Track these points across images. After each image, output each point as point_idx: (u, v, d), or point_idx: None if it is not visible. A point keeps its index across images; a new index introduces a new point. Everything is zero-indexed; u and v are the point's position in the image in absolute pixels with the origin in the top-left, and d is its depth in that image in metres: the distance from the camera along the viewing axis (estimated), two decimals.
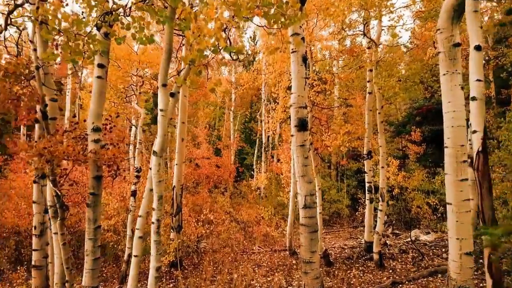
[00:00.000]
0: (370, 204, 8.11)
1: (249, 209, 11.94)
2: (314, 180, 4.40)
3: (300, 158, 4.36)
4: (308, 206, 4.30)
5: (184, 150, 7.62)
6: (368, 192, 8.14)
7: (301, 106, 4.40)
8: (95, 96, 3.17)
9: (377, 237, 7.07)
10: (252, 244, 9.72)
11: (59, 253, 3.34)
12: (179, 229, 7.39)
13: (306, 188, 4.31)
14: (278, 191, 13.86)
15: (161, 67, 2.76)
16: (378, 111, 7.19)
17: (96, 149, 3.09)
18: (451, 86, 3.71)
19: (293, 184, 8.33)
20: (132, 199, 6.62)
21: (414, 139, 11.49)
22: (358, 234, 11.39)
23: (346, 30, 6.84)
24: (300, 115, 4.37)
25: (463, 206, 3.53)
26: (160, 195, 2.99)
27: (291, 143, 4.40)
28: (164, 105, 2.83)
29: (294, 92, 4.44)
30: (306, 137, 4.39)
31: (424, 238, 9.11)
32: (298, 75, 4.45)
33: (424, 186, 10.66)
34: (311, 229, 4.29)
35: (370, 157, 8.15)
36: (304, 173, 4.33)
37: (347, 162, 14.75)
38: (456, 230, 3.52)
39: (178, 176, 7.38)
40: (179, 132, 7.37)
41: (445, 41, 3.73)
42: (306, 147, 4.37)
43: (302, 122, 4.36)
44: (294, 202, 8.38)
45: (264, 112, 18.86)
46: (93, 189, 3.14)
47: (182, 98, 7.45)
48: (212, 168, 14.00)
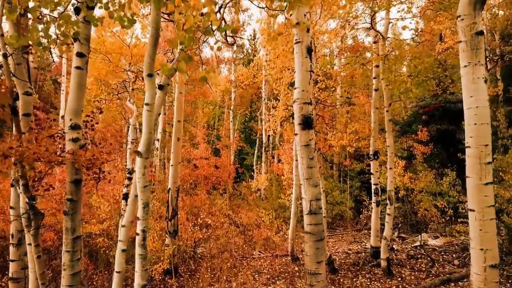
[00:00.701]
0: (377, 207, 7.75)
1: (249, 211, 11.58)
2: (320, 184, 4.04)
3: (304, 159, 4.01)
4: (313, 212, 3.94)
5: (180, 150, 7.27)
6: (375, 194, 7.79)
7: (305, 102, 4.05)
8: (74, 89, 2.82)
9: (384, 242, 6.71)
10: (252, 248, 9.37)
11: (34, 266, 2.98)
12: (174, 234, 7.04)
13: (312, 192, 3.95)
14: (279, 192, 13.49)
15: (147, 54, 2.41)
16: (386, 109, 6.83)
17: (74, 149, 2.74)
18: (473, 79, 3.35)
19: (295, 186, 7.98)
20: (124, 203, 6.26)
21: (421, 139, 11.13)
22: (362, 238, 11.03)
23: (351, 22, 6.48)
24: (304, 112, 4.02)
25: (487, 213, 3.18)
26: (146, 203, 2.63)
27: (295, 143, 4.05)
28: (150, 99, 2.48)
29: (297, 87, 4.09)
30: (312, 136, 4.04)
31: (432, 243, 8.75)
32: (303, 68, 4.10)
33: (432, 188, 10.29)
34: (317, 237, 3.93)
35: (376, 157, 7.79)
36: (309, 175, 3.97)
37: (350, 162, 14.39)
38: (480, 239, 3.17)
39: (174, 177, 7.03)
40: (175, 131, 7.02)
41: (467, 29, 3.37)
42: (311, 147, 4.02)
43: (306, 119, 4.01)
44: (296, 205, 8.03)
45: (265, 111, 18.53)
46: (71, 194, 2.78)
47: (178, 95, 7.11)
48: (211, 169, 13.65)
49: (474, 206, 3.25)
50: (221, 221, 10.32)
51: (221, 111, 26.20)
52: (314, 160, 4.03)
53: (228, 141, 18.17)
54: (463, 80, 3.37)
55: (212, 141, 20.86)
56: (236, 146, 18.16)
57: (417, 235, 10.30)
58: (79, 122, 2.85)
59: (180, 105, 7.00)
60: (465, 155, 3.30)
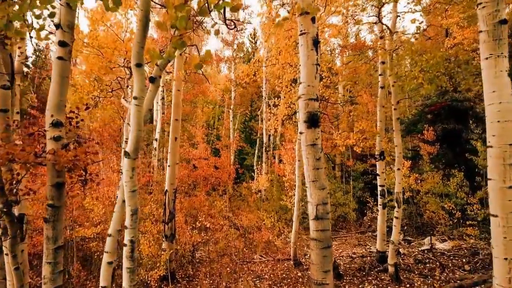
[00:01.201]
0: (383, 209, 7.48)
1: (249, 213, 11.29)
2: (327, 186, 3.77)
3: (310, 160, 3.73)
4: (320, 217, 3.67)
5: (177, 150, 6.99)
6: (381, 196, 7.51)
7: (311, 98, 3.77)
8: (55, 82, 2.54)
9: (392, 247, 6.43)
10: (253, 252, 9.09)
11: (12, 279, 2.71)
12: (172, 238, 6.76)
13: (318, 195, 3.68)
14: (280, 194, 13.21)
15: (135, 41, 2.14)
16: (394, 107, 6.56)
17: (56, 149, 2.46)
18: (495, 73, 3.09)
19: (298, 188, 7.70)
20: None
21: (427, 139, 10.84)
22: (366, 241, 10.75)
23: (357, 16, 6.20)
24: (310, 108, 3.75)
25: None
26: (134, 209, 2.35)
27: (297, 143, 3.77)
28: (139, 92, 2.20)
29: (303, 82, 3.82)
30: (318, 135, 3.76)
31: (440, 247, 8.47)
32: (308, 61, 3.82)
33: (438, 189, 10.01)
34: (324, 244, 3.66)
35: (383, 158, 7.52)
36: (315, 177, 3.70)
37: (353, 163, 14.11)
38: (504, 248, 2.90)
39: (171, 178, 6.76)
40: (172, 130, 6.75)
41: (488, 18, 3.10)
42: (318, 146, 3.74)
43: (313, 117, 3.73)
44: (299, 208, 7.75)
45: (265, 109, 18.27)
46: (52, 199, 2.50)
47: (175, 93, 6.84)
48: (210, 170, 13.35)
49: (497, 211, 2.99)
50: (221, 223, 10.05)
51: (221, 110, 25.96)
52: (321, 161, 3.76)
53: (228, 141, 17.89)
54: (484, 74, 3.11)
55: (212, 141, 20.60)
56: (236, 146, 17.89)
57: (423, 238, 10.03)
58: (61, 118, 2.57)
59: (177, 103, 6.73)
60: (477, 155, 3.01)
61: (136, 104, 2.24)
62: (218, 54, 24.10)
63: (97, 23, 5.52)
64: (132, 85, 6.48)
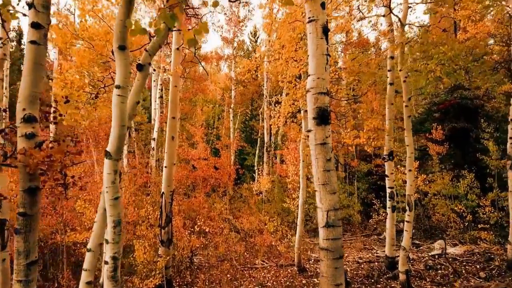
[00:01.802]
0: (392, 213, 7.13)
1: (251, 215, 10.95)
2: (338, 190, 3.44)
3: (320, 161, 3.38)
4: (331, 225, 3.33)
5: (175, 150, 6.65)
6: (390, 199, 7.16)
7: (321, 92, 3.43)
8: (28, 70, 2.20)
9: (403, 253, 6.08)
10: (254, 257, 8.74)
11: None
12: (168, 243, 6.42)
13: (329, 200, 3.34)
14: (282, 195, 12.87)
15: (117, 19, 1.80)
16: (405, 103, 6.21)
17: (27, 148, 2.12)
18: None
19: (302, 190, 7.35)
20: None
21: (436, 138, 10.48)
22: (372, 244, 10.40)
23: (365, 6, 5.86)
24: (320, 103, 3.41)
25: None
26: (117, 220, 2.00)
27: (305, 142, 3.43)
28: (122, 79, 1.86)
29: (311, 74, 3.47)
30: (328, 133, 3.42)
31: (452, 251, 8.11)
32: (318, 51, 3.48)
33: (448, 191, 9.66)
34: (336, 254, 3.31)
35: (391, 158, 7.17)
36: (326, 180, 3.35)
37: (357, 163, 13.76)
38: None
39: (168, 180, 6.42)
40: (169, 129, 6.40)
41: None
42: (328, 146, 3.40)
43: (323, 112, 3.39)
44: (303, 211, 7.40)
45: (266, 109, 17.94)
46: (24, 207, 2.16)
47: (172, 89, 6.50)
48: (210, 170, 13.01)
49: None
50: (221, 226, 9.71)
51: (221, 109, 25.64)
52: (332, 161, 3.41)
53: (228, 140, 17.55)
54: None
55: (212, 141, 20.27)
56: (237, 145, 17.54)
57: (431, 242, 9.68)
58: (35, 113, 2.23)
59: (174, 99, 6.38)
60: (488, 155, 2.65)
61: (118, 95, 1.89)
62: (218, 52, 23.77)
63: (88, 13, 5.18)
64: None
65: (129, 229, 8.03)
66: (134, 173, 12.53)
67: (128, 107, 2.09)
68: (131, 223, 7.96)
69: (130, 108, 2.12)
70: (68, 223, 6.99)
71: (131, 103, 2.06)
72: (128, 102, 2.08)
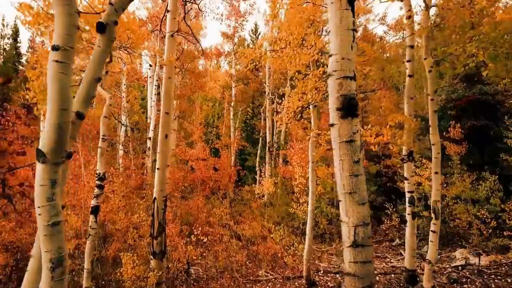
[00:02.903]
0: (413, 220, 6.47)
1: (253, 220, 10.29)
2: (367, 200, 2.78)
3: (345, 163, 2.73)
4: (359, 244, 2.68)
5: (169, 150, 6.00)
6: (410, 204, 6.50)
7: (347, 76, 2.79)
8: None
9: (429, 268, 5.42)
10: (258, 267, 8.09)
11: None
12: (161, 255, 5.74)
13: (358, 213, 2.69)
14: (286, 198, 12.21)
15: None
16: (430, 97, 5.56)
17: None
18: None
19: (311, 195, 6.69)
20: (92, 219, 4.99)
21: (453, 137, 9.81)
22: (385, 252, 9.75)
23: None
24: (345, 90, 2.76)
25: None
26: (56, 259, 1.29)
27: (332, 138, 2.77)
28: (62, 36, 1.21)
29: (334, 54, 2.82)
30: (356, 128, 2.77)
31: (476, 262, 7.44)
32: (342, 25, 2.84)
33: (468, 194, 8.99)
34: (366, 282, 2.67)
35: (411, 158, 6.51)
36: (353, 188, 2.71)
37: (366, 163, 13.10)
38: None
39: (161, 184, 5.76)
40: (162, 126, 5.75)
41: None
42: (356, 144, 2.75)
43: (349, 102, 2.74)
44: (312, 218, 6.74)
45: (268, 107, 17.30)
46: None
47: (166, 81, 5.84)
48: (209, 171, 12.36)
49: None
50: (221, 233, 9.06)
51: (221, 108, 25.03)
52: (361, 164, 2.75)
53: (228, 140, 16.90)
54: None
55: (211, 140, 19.62)
56: (237, 145, 16.89)
57: (450, 250, 9.01)
58: None
59: (168, 92, 5.73)
60: None
61: (57, 61, 1.24)
62: (218, 48, 23.13)
63: None
64: (110, 70, 5.49)
65: (119, 236, 7.39)
66: (128, 174, 11.90)
67: (84, 85, 1.46)
68: (121, 230, 7.32)
69: (87, 87, 1.48)
70: None
71: (89, 79, 1.43)
72: (84, 78, 1.44)
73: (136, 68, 21.87)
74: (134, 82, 18.72)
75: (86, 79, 1.46)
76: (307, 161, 8.52)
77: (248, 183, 16.49)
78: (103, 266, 6.69)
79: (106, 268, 6.65)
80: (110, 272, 6.28)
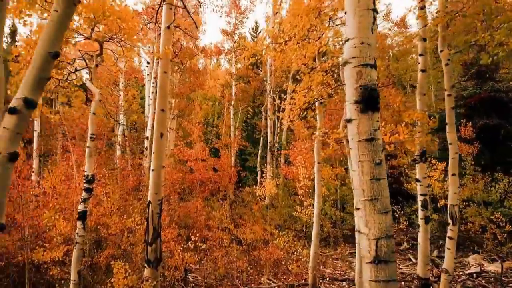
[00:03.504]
0: (426, 225, 6.08)
1: (254, 223, 9.93)
2: (391, 208, 2.42)
3: (366, 165, 2.36)
4: (382, 260, 2.30)
5: (164, 150, 5.64)
6: (423, 208, 6.11)
7: (366, 63, 2.42)
8: None
9: (446, 277, 5.06)
10: (259, 273, 7.72)
11: None
12: (156, 263, 5.39)
13: (380, 223, 2.33)
14: (288, 200, 11.85)
15: None
16: (447, 92, 5.20)
17: None
18: None
19: (317, 198, 6.32)
20: (79, 225, 4.63)
21: (464, 136, 9.43)
22: None
23: None
24: (365, 80, 2.39)
25: None
26: None
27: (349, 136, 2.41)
28: None
29: (352, 37, 2.46)
30: (378, 124, 2.40)
31: (491, 269, 7.07)
32: (360, 4, 2.48)
33: (480, 196, 8.62)
34: None
35: (424, 159, 6.13)
36: (375, 194, 2.35)
37: None
38: None
39: (155, 187, 5.40)
40: (157, 124, 5.39)
41: None
42: (378, 143, 2.38)
43: (370, 93, 2.38)
44: (318, 223, 6.38)
45: (270, 106, 16.94)
46: None
47: (161, 75, 5.48)
48: (209, 172, 12.00)
49: None
50: (220, 236, 8.70)
51: (221, 107, 24.70)
52: (383, 166, 2.37)
53: (228, 139, 16.53)
54: None
55: (211, 140, 19.26)
56: (238, 145, 16.52)
57: (462, 255, 8.64)
58: None
59: (163, 88, 5.37)
60: None
61: None
62: (218, 46, 22.76)
63: None
64: (100, 63, 5.13)
65: (114, 241, 7.03)
66: (124, 175, 11.55)
67: (36, 62, 1.10)
68: (115, 235, 6.96)
69: (39, 64, 1.13)
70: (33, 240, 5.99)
71: (41, 53, 1.08)
72: (35, 52, 1.09)
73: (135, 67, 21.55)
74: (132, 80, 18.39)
75: (38, 53, 1.11)
76: (311, 162, 8.17)
77: (248, 184, 16.14)
78: (95, 274, 6.34)
79: (98, 276, 6.30)
80: (103, 280, 5.92)
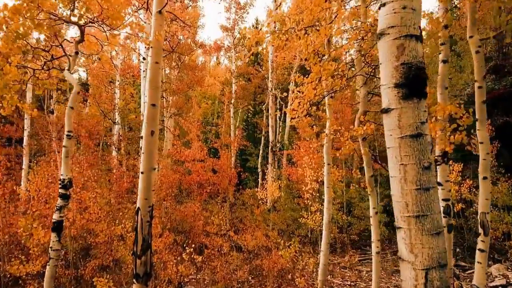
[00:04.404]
0: (449, 233, 5.52)
1: (256, 229, 9.38)
2: (443, 228, 1.86)
3: (410, 170, 1.81)
4: None
5: (155, 149, 5.05)
6: (445, 215, 5.55)
7: (411, 34, 1.86)
8: None
9: None
10: (262, 284, 7.17)
11: None
12: (146, 278, 4.81)
13: (429, 247, 1.78)
14: (292, 203, 11.30)
15: None
16: (478, 84, 4.65)
17: None
18: None
19: (327, 204, 5.77)
20: (54, 237, 4.08)
21: None
22: None
23: None
24: (409, 56, 1.83)
25: None
26: None
27: (386, 131, 1.86)
28: None
29: (389, 1, 1.92)
30: (425, 115, 1.84)
31: None
32: None
33: (502, 201, 8.06)
34: None
35: (446, 160, 5.57)
36: (422, 208, 1.80)
37: (380, 165, 12.14)
38: None
39: (145, 191, 4.80)
40: (147, 121, 4.81)
41: None
42: (426, 140, 1.82)
43: (415, 73, 1.82)
44: (328, 232, 5.82)
45: (271, 104, 16.39)
46: None
47: (152, 66, 4.90)
48: (207, 174, 11.45)
49: None
50: (220, 243, 8.16)
51: (221, 106, 24.17)
52: (432, 170, 1.80)
53: (228, 139, 15.99)
54: None
55: (210, 140, 18.73)
56: (238, 145, 15.98)
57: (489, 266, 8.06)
58: None
59: (155, 80, 4.80)
60: None
61: None
62: (217, 43, 22.21)
63: None
64: (80, 51, 4.58)
65: (103, 250, 6.49)
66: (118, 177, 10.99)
67: None
68: (103, 243, 6.42)
69: None
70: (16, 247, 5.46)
71: None
72: None
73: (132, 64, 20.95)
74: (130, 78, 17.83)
75: None
76: (319, 163, 7.63)
77: (249, 186, 15.61)
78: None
79: None
80: None
